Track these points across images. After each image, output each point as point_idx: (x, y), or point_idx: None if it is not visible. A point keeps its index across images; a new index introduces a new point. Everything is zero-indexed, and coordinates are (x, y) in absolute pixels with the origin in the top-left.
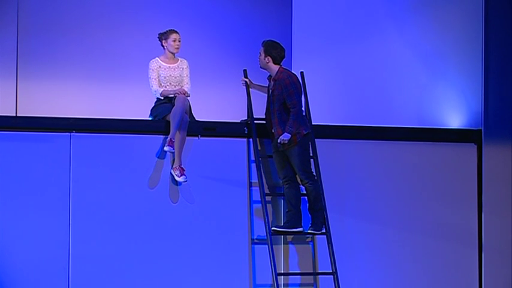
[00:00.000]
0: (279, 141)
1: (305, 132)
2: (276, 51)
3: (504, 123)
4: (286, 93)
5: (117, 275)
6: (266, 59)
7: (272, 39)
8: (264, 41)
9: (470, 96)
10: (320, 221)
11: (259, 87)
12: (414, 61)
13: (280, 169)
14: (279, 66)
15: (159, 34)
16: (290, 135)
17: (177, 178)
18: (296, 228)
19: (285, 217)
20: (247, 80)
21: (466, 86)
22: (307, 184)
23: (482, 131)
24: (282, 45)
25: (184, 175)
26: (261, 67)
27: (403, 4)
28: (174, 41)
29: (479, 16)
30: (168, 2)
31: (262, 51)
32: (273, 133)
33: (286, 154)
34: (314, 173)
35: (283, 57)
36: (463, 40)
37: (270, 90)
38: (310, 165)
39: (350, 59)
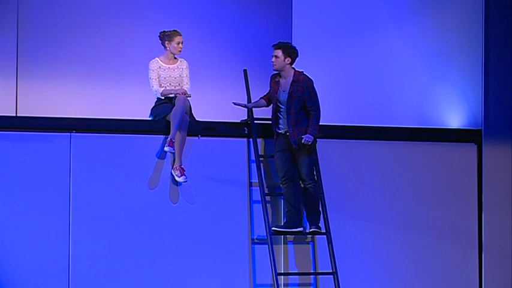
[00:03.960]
0: (303, 141)
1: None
2: (294, 51)
3: (504, 123)
4: (308, 96)
5: (117, 275)
6: (286, 60)
7: (279, 40)
8: (279, 43)
9: (470, 96)
10: (318, 222)
11: (255, 105)
12: (414, 61)
13: (281, 168)
14: (293, 68)
15: (161, 33)
16: (313, 137)
17: (177, 178)
18: (296, 228)
19: (285, 217)
20: (237, 105)
21: (466, 86)
22: (310, 185)
23: (482, 131)
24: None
25: (185, 175)
26: (276, 69)
27: (403, 4)
28: (178, 43)
29: (479, 16)
30: (168, 2)
31: (281, 53)
32: (278, 133)
33: (294, 153)
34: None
35: (297, 57)
36: (463, 40)
37: (283, 92)
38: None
39: (350, 59)
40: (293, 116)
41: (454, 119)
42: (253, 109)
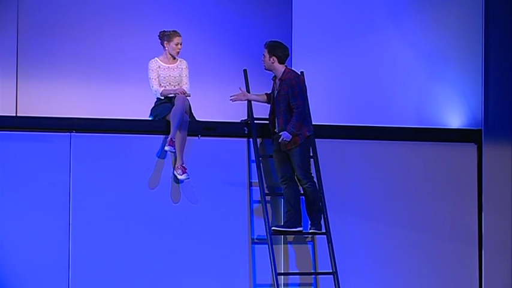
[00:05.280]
0: (279, 140)
1: (308, 134)
2: (280, 50)
3: (504, 123)
4: (292, 94)
5: (117, 275)
6: (271, 59)
7: (274, 39)
8: (266, 42)
9: (470, 96)
10: (319, 221)
11: (256, 97)
12: (414, 61)
13: (279, 168)
14: (284, 66)
15: (160, 33)
16: (291, 136)
17: (179, 176)
18: (296, 227)
19: (285, 217)
20: (241, 91)
21: (466, 86)
22: (306, 185)
23: (482, 131)
24: (285, 44)
25: (186, 173)
26: (265, 69)
27: (403, 4)
28: (177, 44)
29: (479, 16)
30: (168, 2)
31: (266, 52)
32: (275, 132)
33: (287, 153)
34: (313, 175)
35: (288, 55)
36: (463, 40)
37: (276, 91)
38: (310, 167)
39: (350, 59)
40: (281, 114)
41: (454, 119)
42: (253, 109)
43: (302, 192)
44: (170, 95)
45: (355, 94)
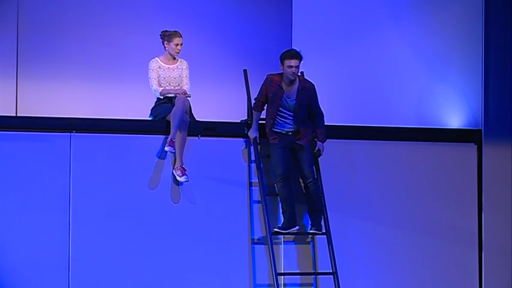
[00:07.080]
0: (321, 154)
1: None
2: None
3: (504, 123)
4: (314, 101)
5: (117, 275)
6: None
7: (294, 48)
8: (298, 53)
9: (470, 96)
10: (319, 221)
11: (257, 124)
12: (414, 61)
13: (281, 165)
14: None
15: (161, 32)
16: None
17: (178, 178)
18: (294, 227)
19: (283, 218)
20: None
21: (466, 86)
22: (311, 183)
23: (482, 131)
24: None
25: (186, 175)
26: (292, 80)
27: (403, 4)
28: (177, 45)
29: (479, 16)
30: (169, 2)
31: (299, 62)
32: (278, 133)
33: (296, 152)
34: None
35: None
36: (463, 40)
37: (292, 99)
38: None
39: (350, 59)
40: (304, 122)
41: (454, 119)
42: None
43: (304, 191)
44: (170, 95)
45: (355, 94)
